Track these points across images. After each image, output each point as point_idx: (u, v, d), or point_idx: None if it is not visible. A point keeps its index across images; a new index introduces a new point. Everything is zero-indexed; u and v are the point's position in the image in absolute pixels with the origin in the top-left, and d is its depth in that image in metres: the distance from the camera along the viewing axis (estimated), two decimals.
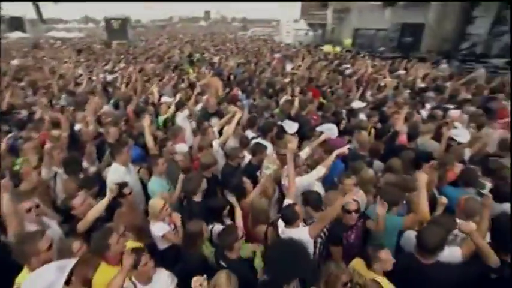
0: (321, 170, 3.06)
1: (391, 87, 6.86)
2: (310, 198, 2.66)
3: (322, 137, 3.30)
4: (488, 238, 2.29)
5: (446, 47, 15.32)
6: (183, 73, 8.52)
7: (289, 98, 5.90)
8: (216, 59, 11.28)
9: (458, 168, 3.19)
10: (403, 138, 3.85)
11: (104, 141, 3.87)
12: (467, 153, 3.75)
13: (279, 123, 4.34)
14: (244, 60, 11.30)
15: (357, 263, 2.18)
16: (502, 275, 1.98)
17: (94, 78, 7.58)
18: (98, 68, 9.22)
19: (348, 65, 9.65)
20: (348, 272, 2.03)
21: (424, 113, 5.44)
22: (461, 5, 14.79)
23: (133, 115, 4.67)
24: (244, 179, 3.08)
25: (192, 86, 7.05)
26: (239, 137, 4.05)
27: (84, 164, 3.46)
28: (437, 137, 3.94)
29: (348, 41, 17.35)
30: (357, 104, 5.48)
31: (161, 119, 4.85)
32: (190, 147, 4.01)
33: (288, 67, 10.09)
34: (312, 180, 3.03)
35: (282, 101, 5.89)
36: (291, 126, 4.18)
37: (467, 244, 2.17)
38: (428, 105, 5.90)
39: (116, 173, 2.97)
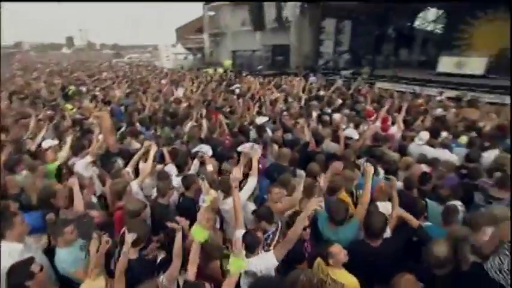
0: (253, 180, 3.09)
1: (281, 101, 7.72)
2: (262, 213, 2.66)
3: (255, 158, 3.29)
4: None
5: (309, 63, 18.56)
6: (58, 110, 7.08)
7: (195, 123, 5.82)
8: (97, 91, 9.95)
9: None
10: (312, 145, 4.37)
11: None
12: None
13: (194, 149, 4.19)
14: (131, 89, 10.42)
15: (321, 261, 2.25)
16: (420, 237, 2.51)
17: None
18: None
19: (238, 85, 10.29)
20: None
21: (313, 120, 6.34)
22: (311, 29, 18.30)
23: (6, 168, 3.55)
24: (179, 218, 2.79)
25: (75, 124, 5.99)
26: (156, 173, 3.67)
27: None
28: (334, 139, 4.65)
29: (228, 62, 18.57)
30: (260, 120, 5.87)
31: (52, 167, 3.85)
32: (101, 197, 3.35)
33: (180, 92, 9.92)
34: (244, 199, 3.00)
35: (187, 127, 5.73)
36: (207, 150, 4.09)
37: (390, 222, 2.62)
38: (314, 113, 6.93)
39: (10, 257, 2.14)
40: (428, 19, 25.17)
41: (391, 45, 20.91)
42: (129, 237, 2.18)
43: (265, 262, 2.14)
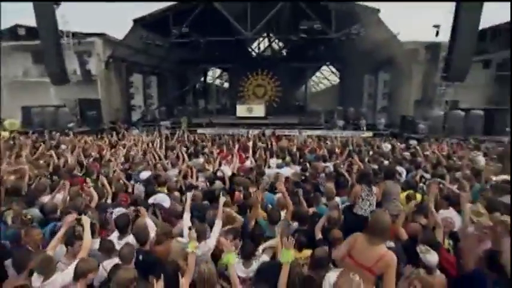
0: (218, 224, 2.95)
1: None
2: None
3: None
4: None
5: (121, 116, 18.05)
6: None
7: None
8: None
9: None
10: None
11: None
12: None
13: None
14: None
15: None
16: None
17: None
18: None
19: (64, 145, 8.40)
20: None
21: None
22: (119, 84, 18.14)
23: None
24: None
25: None
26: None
27: None
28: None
29: (12, 122, 14.47)
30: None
31: None
32: None
33: None
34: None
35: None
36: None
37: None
38: None
39: None
40: (214, 76, 31.81)
41: (196, 96, 24.48)
42: None
43: None
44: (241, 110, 18.10)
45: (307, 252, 2.72)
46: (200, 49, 17.86)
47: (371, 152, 7.60)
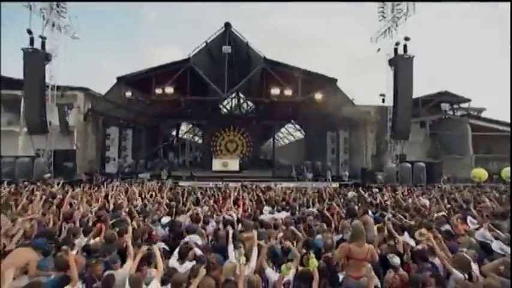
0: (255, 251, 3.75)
1: None
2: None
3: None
4: None
5: (94, 167, 17.88)
6: None
7: None
8: None
9: None
10: None
11: None
12: None
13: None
14: None
15: None
16: None
17: None
18: None
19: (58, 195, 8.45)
20: None
21: None
22: (96, 136, 18.35)
23: None
24: None
25: None
26: None
27: None
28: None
29: None
30: None
31: None
32: None
33: None
34: None
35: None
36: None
37: None
38: None
39: None
40: (187, 130, 32.98)
41: (171, 150, 25.02)
42: None
43: None
44: (217, 164, 19.10)
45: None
46: (175, 105, 19.30)
47: (342, 199, 8.94)
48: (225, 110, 30.15)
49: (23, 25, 14.07)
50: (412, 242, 4.19)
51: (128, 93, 16.89)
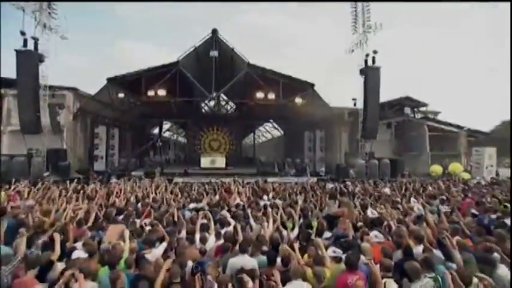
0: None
1: None
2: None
3: None
4: None
5: (84, 166, 18.35)
6: None
7: None
8: None
9: None
10: None
11: None
12: None
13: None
14: None
15: None
16: None
17: None
18: None
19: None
20: None
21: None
22: (84, 135, 18.78)
23: None
24: None
25: None
26: None
27: None
28: None
29: None
30: None
31: None
32: None
33: None
34: None
35: None
36: None
37: None
38: None
39: None
40: (169, 128, 33.57)
41: (157, 149, 25.71)
42: None
43: None
44: (205, 162, 20.32)
45: None
46: (160, 105, 20.18)
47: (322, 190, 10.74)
48: (207, 109, 31.20)
49: (13, 27, 14.41)
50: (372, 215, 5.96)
51: (121, 95, 17.54)
